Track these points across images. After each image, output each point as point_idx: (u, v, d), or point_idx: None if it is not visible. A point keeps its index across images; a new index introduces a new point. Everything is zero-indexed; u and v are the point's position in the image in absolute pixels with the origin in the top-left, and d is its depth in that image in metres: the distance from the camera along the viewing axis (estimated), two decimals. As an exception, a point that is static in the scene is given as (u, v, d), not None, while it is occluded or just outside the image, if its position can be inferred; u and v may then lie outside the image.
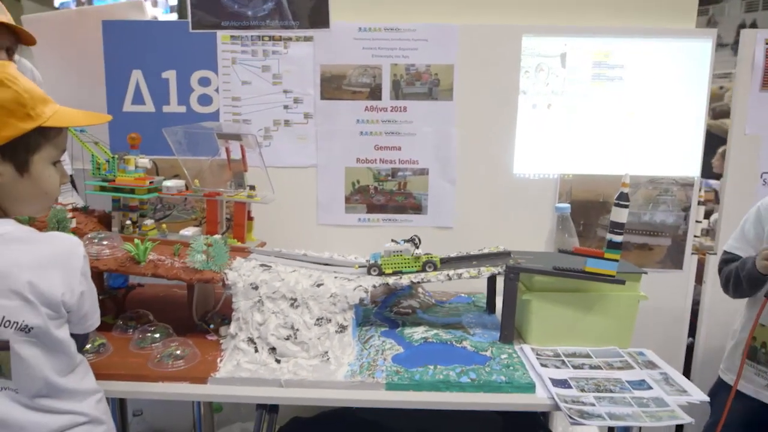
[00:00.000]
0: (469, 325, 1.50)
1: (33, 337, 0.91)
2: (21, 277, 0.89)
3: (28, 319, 0.90)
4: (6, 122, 0.90)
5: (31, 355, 0.91)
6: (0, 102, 0.89)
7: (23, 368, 0.91)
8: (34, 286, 0.90)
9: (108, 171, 1.59)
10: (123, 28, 1.81)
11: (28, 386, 0.92)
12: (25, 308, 0.89)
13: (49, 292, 0.91)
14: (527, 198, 1.87)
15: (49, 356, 0.94)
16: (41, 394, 0.94)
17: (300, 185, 1.90)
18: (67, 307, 0.95)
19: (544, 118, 1.83)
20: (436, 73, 1.81)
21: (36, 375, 0.92)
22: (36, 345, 0.92)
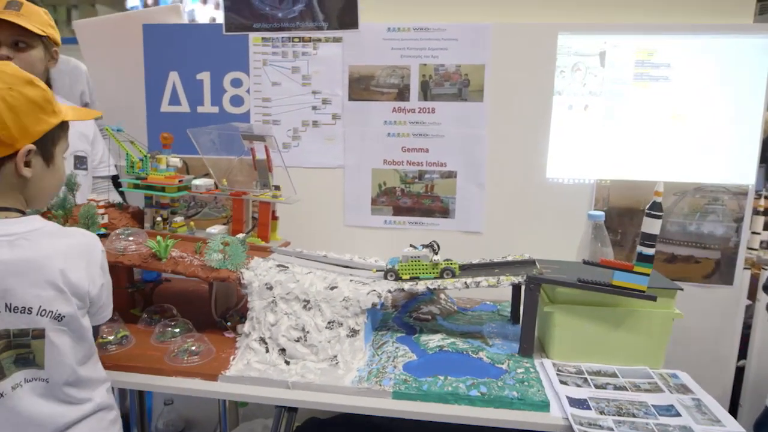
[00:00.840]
0: (489, 335, 1.45)
1: (64, 326, 0.97)
2: (54, 269, 0.95)
3: (61, 309, 0.96)
4: (40, 118, 0.97)
5: (62, 342, 0.97)
6: (34, 100, 0.96)
7: (56, 356, 0.97)
8: (66, 276, 0.96)
9: (141, 169, 1.65)
10: (161, 31, 1.88)
11: (59, 374, 0.98)
12: (58, 298, 0.95)
13: (78, 283, 0.98)
14: (560, 204, 1.78)
15: (75, 344, 1.00)
16: (68, 382, 1.00)
17: (328, 186, 1.90)
18: (90, 297, 1.01)
19: (581, 120, 1.74)
20: (466, 73, 1.76)
21: (66, 362, 0.98)
22: (66, 333, 0.98)
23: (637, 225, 1.74)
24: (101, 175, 1.87)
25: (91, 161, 1.81)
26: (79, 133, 1.78)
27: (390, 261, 1.48)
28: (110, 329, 1.37)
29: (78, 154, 1.75)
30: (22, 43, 1.65)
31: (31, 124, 0.95)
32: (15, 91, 0.93)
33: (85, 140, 1.79)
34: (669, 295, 1.28)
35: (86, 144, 1.79)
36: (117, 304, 1.54)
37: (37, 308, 0.94)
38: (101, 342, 1.32)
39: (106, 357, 1.28)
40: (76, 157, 1.75)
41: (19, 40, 1.64)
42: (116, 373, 1.24)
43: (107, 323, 1.41)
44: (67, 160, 1.71)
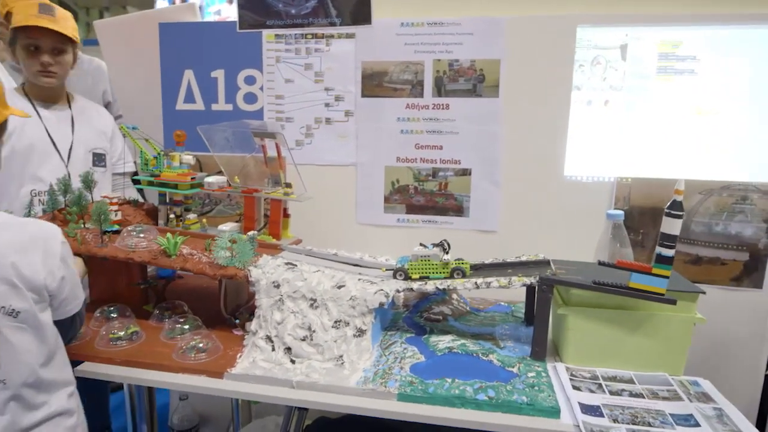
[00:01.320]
0: (502, 337, 1.41)
1: (21, 322, 0.95)
2: (5, 263, 0.93)
3: (15, 304, 0.93)
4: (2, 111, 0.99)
5: (19, 340, 0.94)
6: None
7: (13, 355, 0.94)
8: (18, 270, 0.93)
9: (155, 167, 1.66)
10: (177, 30, 1.89)
11: (16, 375, 0.95)
12: (11, 293, 0.93)
13: (33, 276, 0.95)
14: (578, 203, 1.72)
15: (34, 342, 0.97)
16: (27, 383, 0.96)
17: (340, 184, 1.88)
18: (48, 291, 0.99)
19: (601, 116, 1.68)
20: (481, 68, 1.71)
21: (24, 361, 0.95)
22: (24, 330, 0.95)
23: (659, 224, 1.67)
24: (119, 171, 1.90)
25: (110, 158, 1.83)
26: (97, 131, 1.81)
27: (400, 260, 1.46)
28: (121, 325, 1.38)
29: (96, 151, 1.78)
30: (58, 48, 1.69)
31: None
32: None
33: (103, 137, 1.82)
34: (690, 298, 1.22)
35: (105, 141, 1.82)
36: (130, 299, 1.58)
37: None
38: (112, 338, 1.34)
39: (115, 352, 1.30)
40: (95, 154, 1.78)
41: (56, 47, 1.68)
42: (123, 368, 1.25)
43: (119, 318, 1.44)
44: (85, 157, 1.75)
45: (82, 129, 1.76)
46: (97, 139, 1.80)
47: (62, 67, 1.71)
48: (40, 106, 1.69)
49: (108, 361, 1.28)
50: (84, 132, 1.76)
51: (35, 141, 1.64)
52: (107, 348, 1.32)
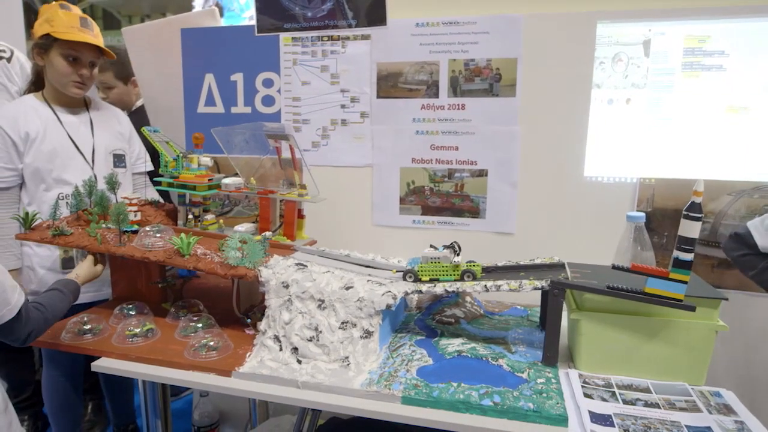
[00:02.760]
0: (514, 342, 1.37)
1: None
2: None
3: None
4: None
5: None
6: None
7: None
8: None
9: (174, 168, 1.70)
10: (198, 35, 1.94)
11: None
12: None
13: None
14: (599, 204, 1.67)
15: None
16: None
17: (356, 185, 1.88)
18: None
19: (622, 115, 1.62)
20: (497, 67, 1.68)
21: None
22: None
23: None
24: (139, 171, 1.95)
25: (129, 158, 1.89)
26: (116, 133, 1.87)
27: (410, 261, 1.44)
28: (137, 322, 1.42)
29: (116, 152, 1.84)
30: (93, 62, 1.76)
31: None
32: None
33: (122, 139, 1.88)
34: (711, 305, 1.16)
35: (123, 142, 1.88)
36: (149, 298, 1.63)
37: None
38: (128, 334, 1.38)
39: (130, 348, 1.33)
40: (115, 155, 1.83)
41: (93, 60, 1.75)
42: (136, 364, 1.29)
43: (136, 315, 1.48)
44: (106, 159, 1.81)
45: (101, 131, 1.82)
46: (116, 140, 1.86)
47: (93, 78, 1.78)
48: (61, 111, 1.75)
49: (123, 357, 1.31)
50: (103, 134, 1.82)
51: (58, 146, 1.70)
52: (123, 344, 1.36)
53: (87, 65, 1.73)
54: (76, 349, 1.36)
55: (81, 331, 1.41)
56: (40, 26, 1.69)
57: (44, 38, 1.67)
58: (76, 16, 1.70)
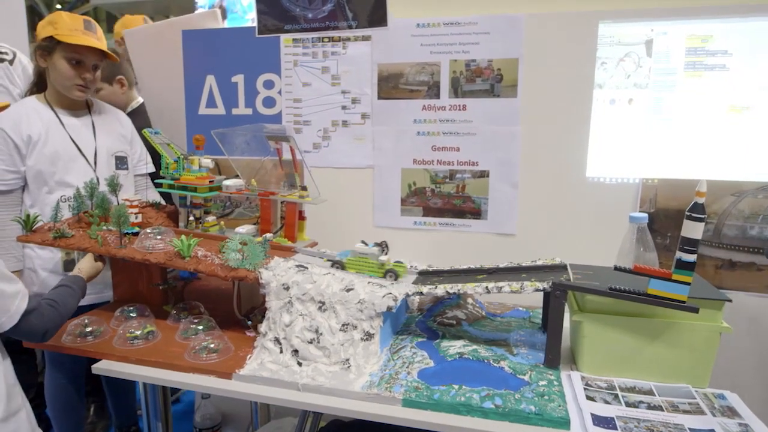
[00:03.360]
0: (516, 344, 1.37)
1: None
2: None
3: None
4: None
5: None
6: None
7: None
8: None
9: (175, 170, 1.70)
10: (199, 37, 1.94)
11: None
12: None
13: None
14: (601, 205, 1.66)
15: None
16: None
17: (357, 186, 1.88)
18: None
19: (625, 115, 1.61)
20: (498, 68, 1.68)
21: None
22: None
23: (689, 228, 1.59)
24: (140, 173, 1.95)
25: (131, 160, 1.89)
26: (118, 135, 1.87)
27: (341, 253, 1.47)
28: (138, 324, 1.42)
29: (118, 154, 1.84)
30: (97, 65, 1.76)
31: None
32: None
33: (124, 141, 1.88)
34: (715, 306, 1.15)
35: (125, 144, 1.88)
36: (150, 300, 1.62)
37: None
38: (129, 336, 1.37)
39: (130, 351, 1.33)
40: (117, 157, 1.83)
41: (96, 64, 1.76)
42: (136, 366, 1.28)
43: (137, 318, 1.48)
44: (108, 161, 1.81)
45: (103, 134, 1.82)
46: (118, 142, 1.86)
47: (95, 81, 1.78)
48: (63, 114, 1.75)
49: (123, 359, 1.31)
50: (105, 136, 1.82)
51: (60, 148, 1.70)
52: (124, 347, 1.35)
53: (90, 68, 1.73)
54: (77, 351, 1.36)
55: (82, 333, 1.41)
56: (44, 28, 1.69)
57: (47, 40, 1.67)
58: (79, 19, 1.70)
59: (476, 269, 1.46)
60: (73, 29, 1.67)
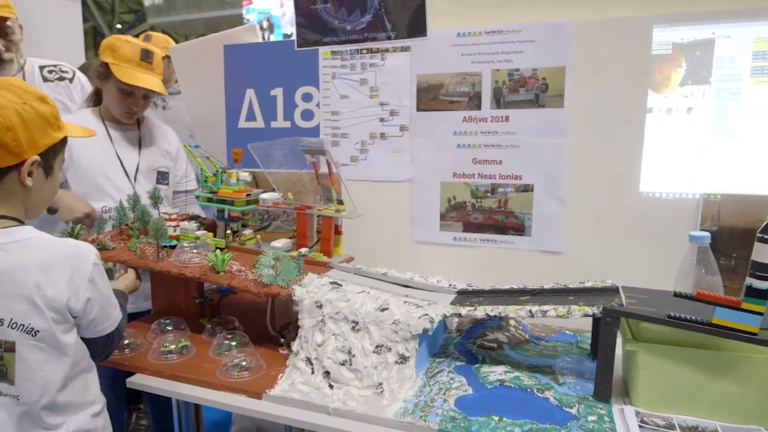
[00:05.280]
0: (562, 371, 1.27)
1: (40, 341, 0.95)
2: (29, 282, 0.94)
3: (34, 323, 0.94)
4: (47, 132, 1.00)
5: (34, 359, 0.95)
6: (44, 115, 1.00)
7: (26, 373, 0.95)
8: (41, 290, 0.94)
9: (214, 183, 1.71)
10: (240, 51, 1.96)
11: (29, 393, 0.95)
12: (31, 312, 0.94)
13: (54, 297, 0.95)
14: (657, 222, 1.54)
15: (52, 362, 0.97)
16: (41, 404, 0.96)
17: (395, 200, 1.83)
18: (72, 312, 0.98)
19: (683, 125, 1.50)
20: (544, 77, 1.60)
21: (39, 381, 0.95)
22: (42, 350, 0.96)
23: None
24: (181, 189, 1.98)
25: (173, 176, 1.92)
26: (162, 150, 1.90)
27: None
28: (173, 338, 1.42)
29: (160, 170, 1.87)
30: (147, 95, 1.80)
31: (39, 137, 0.98)
32: (28, 105, 0.96)
33: (168, 157, 1.91)
34: (792, 339, 1.02)
35: (169, 160, 1.91)
36: (187, 312, 1.62)
37: (8, 320, 0.93)
38: (163, 351, 1.37)
39: (163, 365, 1.33)
40: (159, 172, 1.87)
41: (146, 94, 1.80)
42: (169, 382, 1.27)
43: (173, 331, 1.48)
44: (149, 175, 1.84)
45: (149, 149, 1.86)
46: (162, 158, 1.89)
47: (145, 108, 1.83)
48: (112, 128, 1.80)
49: (156, 373, 1.30)
50: (150, 152, 1.86)
51: (104, 160, 1.75)
52: (158, 361, 1.35)
53: (140, 99, 1.78)
54: (113, 363, 1.36)
55: (120, 345, 1.41)
56: (104, 52, 1.74)
57: (104, 67, 1.73)
58: (138, 49, 1.73)
59: (519, 290, 1.38)
60: (129, 60, 1.71)
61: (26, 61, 1.91)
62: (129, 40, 1.77)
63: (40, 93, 1.01)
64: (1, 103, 0.93)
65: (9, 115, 0.92)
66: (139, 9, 16.89)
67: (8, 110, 0.93)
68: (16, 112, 0.94)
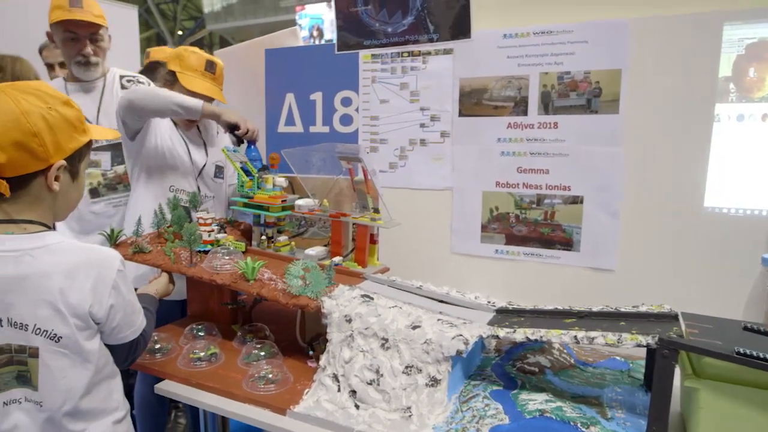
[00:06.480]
0: (611, 403, 1.15)
1: (62, 348, 0.94)
2: (53, 288, 0.93)
3: (57, 329, 0.93)
4: (72, 136, 0.99)
5: (57, 366, 0.94)
6: (69, 119, 0.99)
7: (49, 379, 0.94)
8: (65, 296, 0.93)
9: (250, 189, 1.69)
10: (280, 55, 1.94)
11: (52, 399, 0.95)
12: (55, 318, 0.93)
13: (78, 303, 0.94)
14: (724, 241, 1.39)
15: (75, 369, 0.96)
16: (63, 410, 0.96)
17: (434, 209, 1.76)
18: (95, 318, 0.97)
19: (757, 134, 1.34)
20: (597, 80, 1.48)
21: (62, 387, 0.95)
22: (65, 356, 0.95)
23: None
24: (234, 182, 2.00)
25: (227, 171, 1.94)
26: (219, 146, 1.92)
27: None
28: (203, 345, 1.40)
29: (218, 164, 1.90)
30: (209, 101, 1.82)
31: (65, 141, 0.97)
32: (54, 110, 0.96)
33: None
34: None
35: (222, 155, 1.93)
36: (220, 318, 1.61)
37: (32, 326, 0.92)
38: (192, 357, 1.36)
39: (192, 373, 1.31)
40: (217, 166, 1.89)
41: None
42: (195, 390, 1.26)
43: (205, 336, 1.46)
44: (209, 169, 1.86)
45: (213, 149, 1.90)
46: (220, 153, 1.92)
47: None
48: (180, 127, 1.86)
49: (184, 381, 1.29)
50: (213, 152, 1.90)
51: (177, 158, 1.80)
52: (187, 368, 1.34)
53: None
54: (143, 368, 1.37)
55: (151, 349, 1.41)
56: (172, 60, 1.81)
57: (171, 74, 1.80)
58: (203, 59, 1.80)
59: (564, 311, 1.27)
60: (194, 70, 1.78)
61: (109, 70, 2.00)
62: (195, 51, 1.83)
63: (65, 97, 1.00)
64: (27, 108, 0.92)
65: (35, 121, 0.92)
66: (199, 16, 17.61)
67: (34, 116, 0.93)
68: (42, 117, 0.94)
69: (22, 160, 0.92)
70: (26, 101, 0.93)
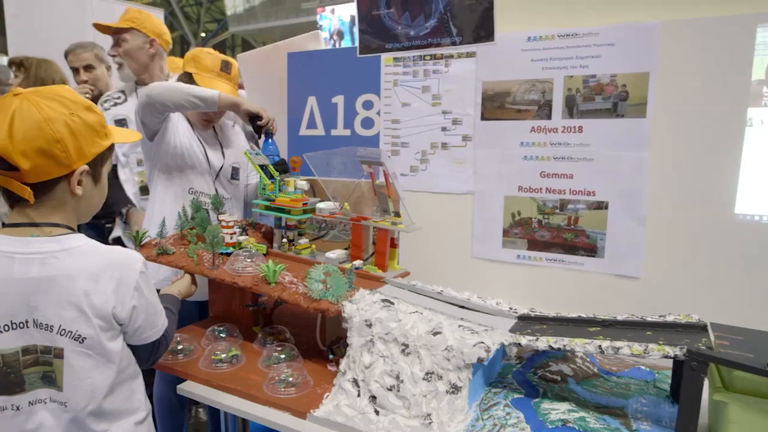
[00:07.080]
0: (635, 415, 1.13)
1: (87, 348, 0.96)
2: (78, 289, 0.94)
3: (82, 330, 0.95)
4: (94, 141, 1.00)
5: (81, 366, 0.96)
6: (91, 124, 1.00)
7: (73, 379, 0.96)
8: (89, 297, 0.95)
9: (272, 191, 1.70)
10: (302, 59, 1.95)
11: (77, 399, 0.96)
12: (79, 319, 0.95)
13: (101, 305, 0.96)
14: (755, 250, 1.35)
15: (98, 369, 0.98)
16: (87, 410, 0.97)
17: (455, 214, 1.75)
18: (118, 319, 0.98)
19: (792, 140, 1.30)
20: (623, 84, 1.45)
21: (86, 387, 0.96)
22: (89, 357, 0.96)
23: None
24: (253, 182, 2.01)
25: (243, 172, 1.95)
26: (236, 147, 1.94)
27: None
28: (224, 347, 1.41)
29: (234, 165, 1.91)
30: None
31: (87, 146, 0.98)
32: (76, 116, 0.97)
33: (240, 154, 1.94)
34: None
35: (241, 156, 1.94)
36: (241, 320, 1.63)
37: (57, 327, 0.94)
38: (214, 359, 1.37)
39: (213, 374, 1.32)
40: (233, 168, 1.91)
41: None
42: (216, 392, 1.27)
43: (226, 338, 1.48)
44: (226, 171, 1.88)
45: (228, 149, 1.92)
46: (236, 155, 1.93)
47: (221, 115, 1.90)
48: (197, 130, 1.88)
49: (206, 382, 1.30)
50: (229, 153, 1.92)
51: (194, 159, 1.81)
52: (209, 369, 1.35)
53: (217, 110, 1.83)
54: (165, 368, 1.39)
55: (174, 350, 1.43)
56: (188, 62, 1.83)
57: (187, 76, 1.81)
58: (219, 60, 1.82)
59: (588, 319, 1.25)
60: (210, 71, 1.80)
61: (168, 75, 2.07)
62: (211, 52, 1.85)
63: (87, 102, 1.02)
64: (51, 115, 0.94)
65: (58, 128, 0.94)
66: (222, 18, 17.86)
67: (57, 122, 0.94)
68: (65, 123, 0.95)
69: (46, 167, 0.94)
70: (49, 108, 0.94)
